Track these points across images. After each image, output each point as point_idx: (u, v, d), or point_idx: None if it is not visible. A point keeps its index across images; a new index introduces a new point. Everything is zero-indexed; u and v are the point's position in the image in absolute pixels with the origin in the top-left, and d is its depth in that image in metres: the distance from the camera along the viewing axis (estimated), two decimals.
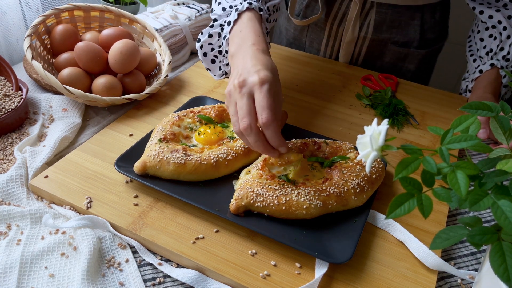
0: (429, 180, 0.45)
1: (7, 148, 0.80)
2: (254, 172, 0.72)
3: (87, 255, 0.61)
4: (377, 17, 1.11)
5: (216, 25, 0.85)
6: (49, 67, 0.95)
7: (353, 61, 1.21)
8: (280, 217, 0.67)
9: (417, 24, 1.12)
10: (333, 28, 1.17)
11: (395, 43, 1.15)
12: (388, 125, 0.47)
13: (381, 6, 1.09)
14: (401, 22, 1.12)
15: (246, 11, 0.79)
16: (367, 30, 1.13)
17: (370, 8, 1.10)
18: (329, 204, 0.67)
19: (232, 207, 0.67)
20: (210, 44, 0.87)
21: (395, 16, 1.10)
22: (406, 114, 0.98)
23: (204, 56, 0.89)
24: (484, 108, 0.51)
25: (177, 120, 0.81)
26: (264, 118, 0.65)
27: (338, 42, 1.19)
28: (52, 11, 0.95)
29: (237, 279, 0.61)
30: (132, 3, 1.22)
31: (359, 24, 1.13)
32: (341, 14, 1.14)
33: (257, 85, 0.66)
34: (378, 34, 1.13)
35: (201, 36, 0.87)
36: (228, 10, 0.83)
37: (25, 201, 0.70)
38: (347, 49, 1.17)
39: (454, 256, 0.70)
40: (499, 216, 0.41)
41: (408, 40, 1.14)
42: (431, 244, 0.46)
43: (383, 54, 1.18)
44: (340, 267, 0.63)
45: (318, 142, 0.79)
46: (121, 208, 0.69)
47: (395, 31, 1.13)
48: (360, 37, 1.15)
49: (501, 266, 0.41)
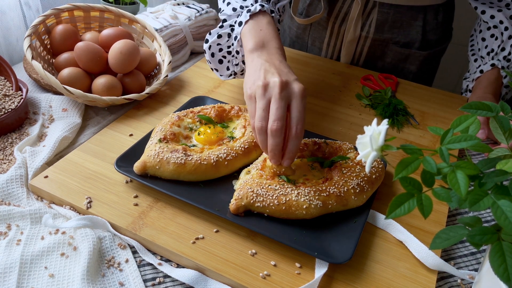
0: (429, 180, 0.45)
1: (7, 148, 0.80)
2: (254, 172, 0.72)
3: (87, 255, 0.61)
4: (379, 17, 1.11)
5: (226, 25, 0.85)
6: (49, 67, 0.95)
7: (355, 61, 1.20)
8: (280, 217, 0.67)
9: (419, 25, 1.11)
10: (335, 27, 1.17)
11: (396, 43, 1.14)
12: (388, 125, 0.47)
13: (383, 6, 1.09)
14: (403, 23, 1.11)
15: (259, 13, 0.79)
16: (369, 29, 1.13)
17: (372, 8, 1.10)
18: (329, 204, 0.67)
19: (232, 207, 0.67)
20: (219, 45, 0.87)
21: (397, 16, 1.10)
22: (406, 114, 0.98)
23: (212, 56, 0.89)
24: (484, 108, 0.51)
25: (177, 120, 0.81)
26: (299, 129, 0.66)
27: (340, 41, 1.19)
28: (52, 11, 0.95)
29: (237, 279, 0.61)
30: (132, 3, 1.22)
31: (361, 23, 1.12)
32: (343, 13, 1.14)
33: (299, 95, 0.67)
34: (380, 34, 1.13)
35: (209, 37, 0.86)
36: (238, 10, 0.83)
37: (25, 201, 0.70)
38: (348, 48, 1.16)
39: (454, 256, 0.70)
40: (499, 216, 0.41)
41: (410, 41, 1.14)
42: (431, 244, 0.46)
43: (384, 55, 1.17)
44: (340, 267, 0.63)
45: (318, 142, 0.79)
46: (121, 208, 0.69)
47: (397, 31, 1.12)
48: (362, 36, 1.14)
49: (501, 266, 0.41)
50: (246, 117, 0.83)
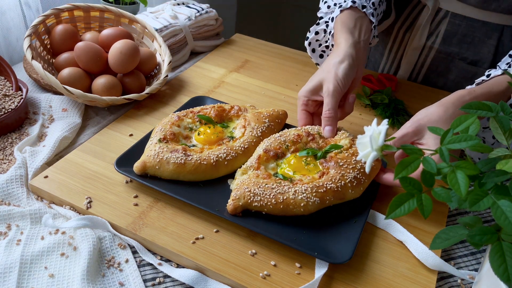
0: (429, 180, 0.45)
1: (7, 148, 0.80)
2: (251, 172, 0.72)
3: (87, 255, 0.61)
4: (449, 28, 1.03)
5: (322, 22, 0.92)
6: (49, 67, 0.95)
7: (414, 73, 1.14)
8: (278, 214, 0.67)
9: (492, 44, 1.01)
10: (400, 33, 1.11)
11: (463, 59, 1.05)
12: (388, 125, 0.47)
13: (456, 17, 1.02)
14: (474, 38, 1.02)
15: (349, 9, 0.86)
16: (435, 40, 1.06)
17: (443, 18, 1.03)
18: (326, 199, 0.68)
19: (229, 207, 0.67)
20: (318, 41, 0.95)
21: (469, 30, 1.02)
22: (406, 114, 0.98)
23: (313, 52, 0.96)
24: (484, 108, 0.51)
25: (176, 120, 0.81)
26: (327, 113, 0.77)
27: (402, 48, 1.13)
28: (52, 11, 0.95)
29: (237, 279, 0.61)
30: (132, 3, 1.22)
31: (428, 32, 1.06)
32: (411, 19, 1.08)
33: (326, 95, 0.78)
34: (447, 47, 1.05)
35: (309, 34, 0.94)
36: (332, 7, 0.91)
37: (25, 201, 0.70)
38: (410, 56, 1.11)
39: (454, 256, 0.70)
40: (499, 216, 0.41)
41: (480, 59, 1.04)
42: (431, 244, 0.46)
43: (448, 71, 1.09)
44: (340, 267, 0.63)
45: (312, 133, 0.78)
46: (121, 208, 0.69)
47: (466, 46, 1.04)
48: (427, 46, 1.08)
49: (501, 266, 0.41)
50: (246, 117, 0.83)
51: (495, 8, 0.97)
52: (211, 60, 1.15)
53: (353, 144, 0.76)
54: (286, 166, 0.73)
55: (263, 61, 1.16)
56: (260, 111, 0.85)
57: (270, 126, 0.82)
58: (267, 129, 0.81)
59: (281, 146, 0.76)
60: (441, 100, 0.74)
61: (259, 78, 1.08)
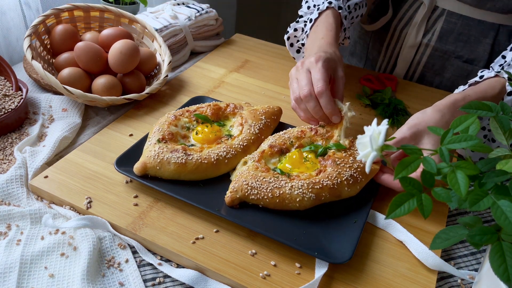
0: (429, 180, 0.45)
1: (7, 148, 0.80)
2: (250, 163, 0.73)
3: (87, 255, 0.61)
4: (445, 26, 1.04)
5: (301, 21, 0.97)
6: (49, 67, 0.95)
7: (411, 71, 1.14)
8: (275, 208, 0.68)
9: (488, 43, 1.02)
10: (396, 30, 1.13)
11: (459, 57, 1.07)
12: (388, 125, 0.47)
13: (452, 15, 1.03)
14: (470, 37, 1.03)
15: (326, 10, 0.91)
16: (431, 37, 1.07)
17: (439, 16, 1.05)
18: (322, 196, 0.68)
19: (227, 199, 0.68)
20: (295, 37, 0.99)
21: (464, 28, 1.03)
22: (406, 114, 0.98)
23: (291, 46, 1.00)
24: (484, 108, 0.51)
25: (173, 119, 0.81)
26: (319, 87, 0.75)
27: (399, 46, 1.14)
28: (52, 11, 0.95)
29: (237, 279, 0.61)
30: (132, 3, 1.22)
31: (425, 29, 1.07)
32: (407, 16, 1.10)
33: (313, 62, 0.78)
34: (443, 45, 1.07)
35: (289, 29, 0.99)
36: (312, 8, 0.96)
37: (25, 201, 0.70)
38: (407, 54, 1.12)
39: (454, 256, 0.70)
40: (499, 216, 0.41)
41: (475, 57, 1.05)
42: (431, 244, 0.46)
43: (444, 69, 1.10)
44: (340, 267, 0.63)
45: (314, 128, 0.79)
46: (121, 208, 0.69)
47: (462, 45, 1.05)
48: (423, 44, 1.09)
49: (501, 266, 0.41)
50: (242, 114, 0.84)
51: (490, 7, 0.99)
52: (211, 60, 1.15)
53: (351, 145, 0.76)
54: (286, 159, 0.75)
55: (263, 61, 1.16)
56: (256, 108, 0.86)
57: (267, 123, 0.83)
58: (264, 126, 0.82)
59: (286, 142, 0.77)
60: (437, 105, 0.75)
61: (259, 78, 1.08)
